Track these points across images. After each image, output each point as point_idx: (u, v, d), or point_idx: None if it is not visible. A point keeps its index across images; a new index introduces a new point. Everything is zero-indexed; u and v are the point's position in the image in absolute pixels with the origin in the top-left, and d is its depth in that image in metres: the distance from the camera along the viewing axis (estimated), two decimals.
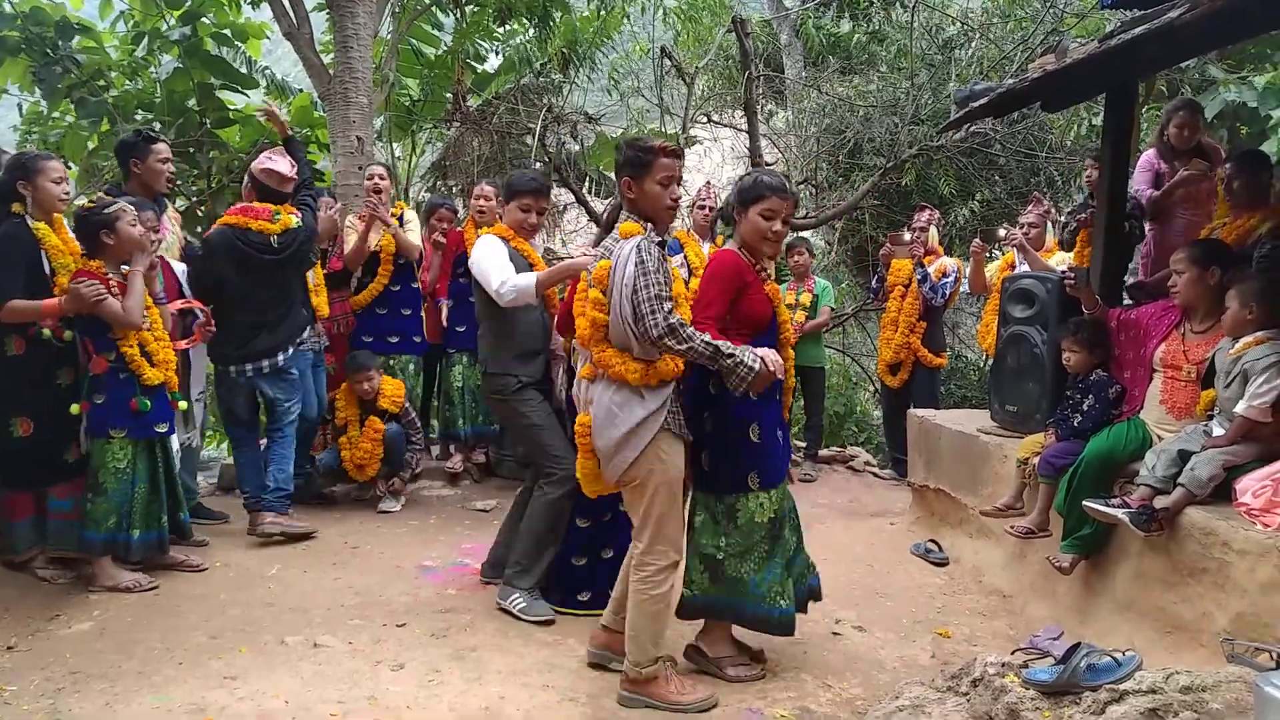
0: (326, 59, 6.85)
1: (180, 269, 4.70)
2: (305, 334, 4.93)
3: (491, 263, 3.86)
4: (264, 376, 4.69)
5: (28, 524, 4.07)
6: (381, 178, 5.68)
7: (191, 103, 7.76)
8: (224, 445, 6.79)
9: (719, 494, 3.25)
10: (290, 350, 4.75)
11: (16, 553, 4.06)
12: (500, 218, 4.56)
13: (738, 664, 3.36)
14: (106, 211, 3.93)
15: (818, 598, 3.52)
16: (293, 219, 4.68)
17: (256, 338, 4.65)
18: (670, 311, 2.88)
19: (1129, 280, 5.04)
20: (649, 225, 3.05)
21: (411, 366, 5.89)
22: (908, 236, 6.49)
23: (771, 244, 3.28)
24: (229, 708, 3.01)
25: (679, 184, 3.16)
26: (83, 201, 4.13)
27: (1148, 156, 4.91)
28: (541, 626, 3.72)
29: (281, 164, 4.68)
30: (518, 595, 3.84)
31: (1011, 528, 4.02)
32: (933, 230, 6.44)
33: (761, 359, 2.96)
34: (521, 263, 3.95)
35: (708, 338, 2.92)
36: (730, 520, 3.22)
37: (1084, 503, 3.53)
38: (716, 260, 3.31)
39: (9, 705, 2.99)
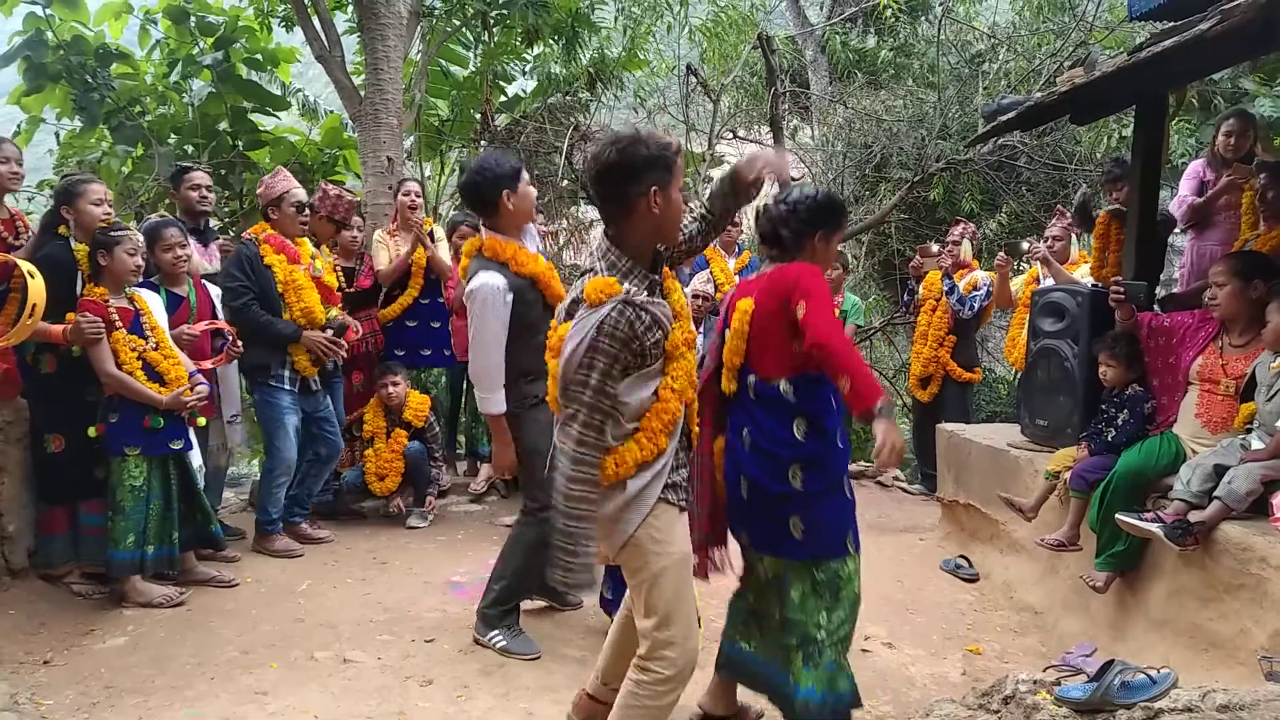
0: (357, 80, 6.95)
1: (215, 291, 4.79)
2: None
3: (490, 356, 3.37)
4: None
5: (64, 539, 4.15)
6: (418, 194, 5.77)
7: (223, 126, 7.91)
8: (255, 463, 6.87)
9: (813, 559, 2.74)
10: None
11: (53, 567, 4.14)
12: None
13: None
14: (111, 234, 4.02)
15: None
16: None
17: None
18: (591, 448, 2.25)
19: (1161, 293, 4.99)
20: (631, 270, 2.34)
21: (444, 379, 5.94)
22: (935, 248, 6.46)
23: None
24: None
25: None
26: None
27: (1195, 166, 4.87)
28: (566, 644, 3.71)
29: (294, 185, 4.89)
30: (496, 633, 3.64)
31: (1042, 540, 3.98)
32: (966, 244, 6.41)
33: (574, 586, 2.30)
34: (531, 293, 3.45)
35: (589, 512, 2.25)
36: (833, 593, 2.74)
37: (1118, 516, 3.48)
38: (817, 276, 2.72)
39: (45, 719, 3.03)
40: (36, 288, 3.64)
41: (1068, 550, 3.90)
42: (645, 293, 2.33)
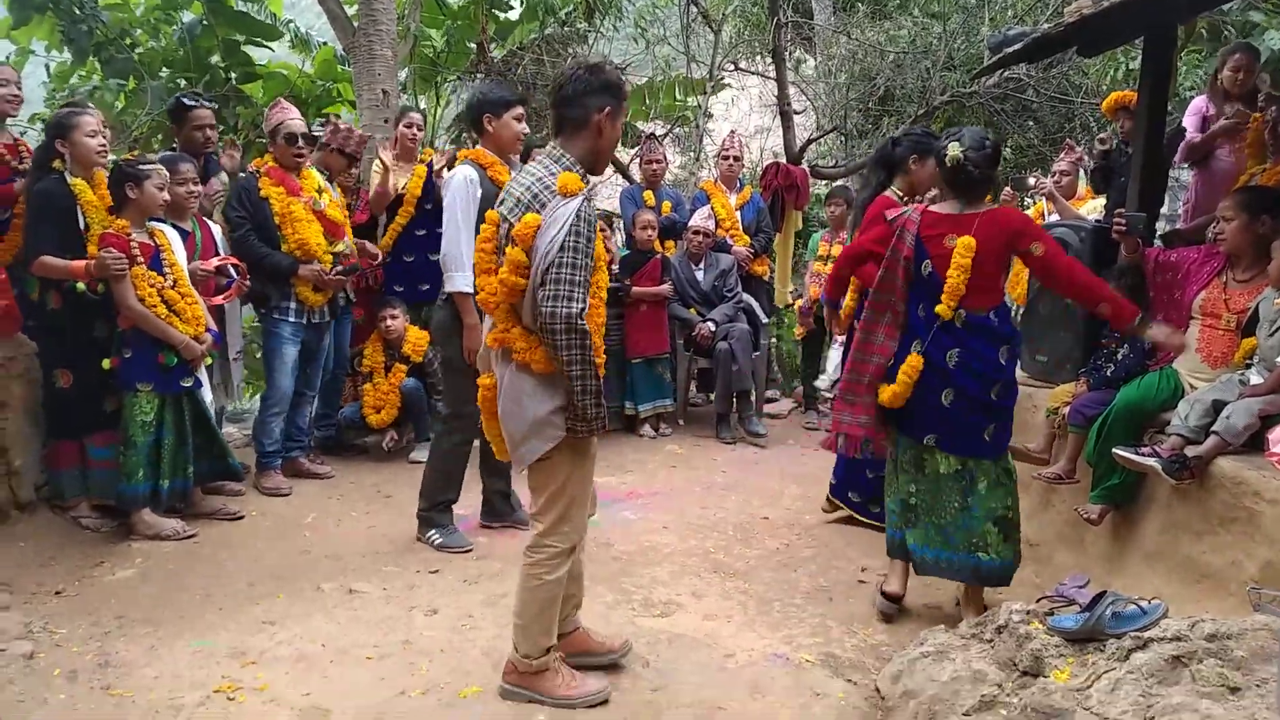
0: (350, 11, 6.80)
1: (217, 230, 4.75)
2: None
3: (459, 238, 3.82)
4: None
5: (74, 473, 4.20)
6: (420, 126, 5.69)
7: (216, 59, 7.76)
8: (256, 398, 6.89)
9: (997, 458, 3.36)
10: None
11: (64, 499, 4.20)
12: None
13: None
14: (140, 168, 3.99)
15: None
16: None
17: None
18: (583, 311, 2.52)
19: (1163, 227, 4.95)
20: (590, 179, 2.70)
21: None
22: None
23: None
24: (268, 651, 3.11)
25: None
26: (112, 159, 4.19)
27: (1197, 102, 4.80)
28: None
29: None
30: (433, 532, 4.10)
31: (1039, 475, 4.02)
32: None
33: (597, 422, 2.65)
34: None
35: (595, 370, 2.60)
36: (1010, 479, 3.39)
37: (1115, 450, 3.51)
38: (1032, 220, 3.50)
39: (60, 647, 3.11)
40: None
41: (1065, 484, 3.94)
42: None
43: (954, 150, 3.26)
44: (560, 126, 2.70)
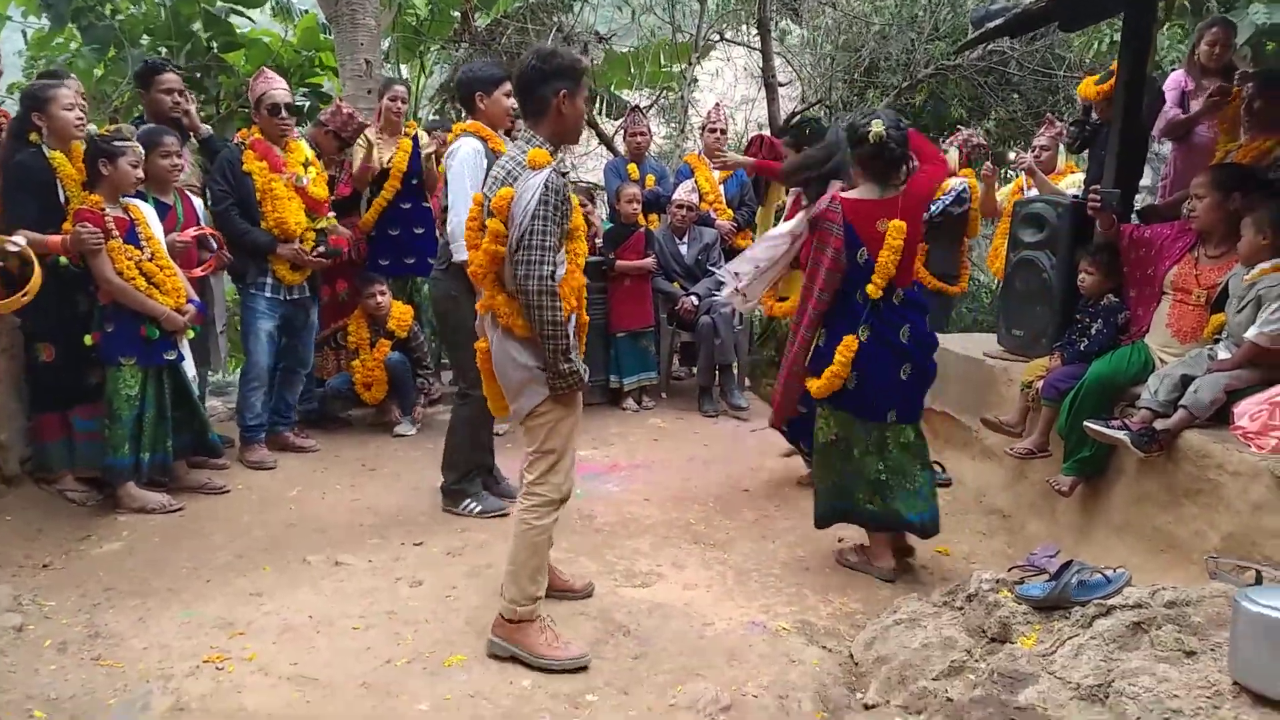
0: None
1: (198, 202, 4.74)
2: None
3: (465, 209, 3.67)
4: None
5: (59, 445, 4.22)
6: (404, 100, 5.66)
7: (197, 27, 7.67)
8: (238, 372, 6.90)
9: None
10: None
11: (51, 472, 4.22)
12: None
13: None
14: (114, 144, 3.97)
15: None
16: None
17: None
18: (553, 274, 2.73)
19: (1144, 199, 5.01)
20: (558, 152, 2.89)
21: (428, 288, 5.89)
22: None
23: None
24: (255, 621, 3.17)
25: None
26: (93, 129, 4.17)
27: (1175, 76, 4.83)
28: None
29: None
30: (469, 501, 4.20)
31: (1011, 449, 4.10)
32: (952, 152, 6.33)
33: (572, 378, 2.84)
34: None
35: (570, 330, 2.84)
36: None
37: (1085, 424, 3.59)
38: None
39: (49, 620, 3.15)
40: (36, 280, 3.77)
41: (1037, 458, 4.02)
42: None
43: (877, 127, 3.35)
44: (526, 113, 2.92)
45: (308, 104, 7.74)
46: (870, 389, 3.51)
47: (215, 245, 4.60)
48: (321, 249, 4.83)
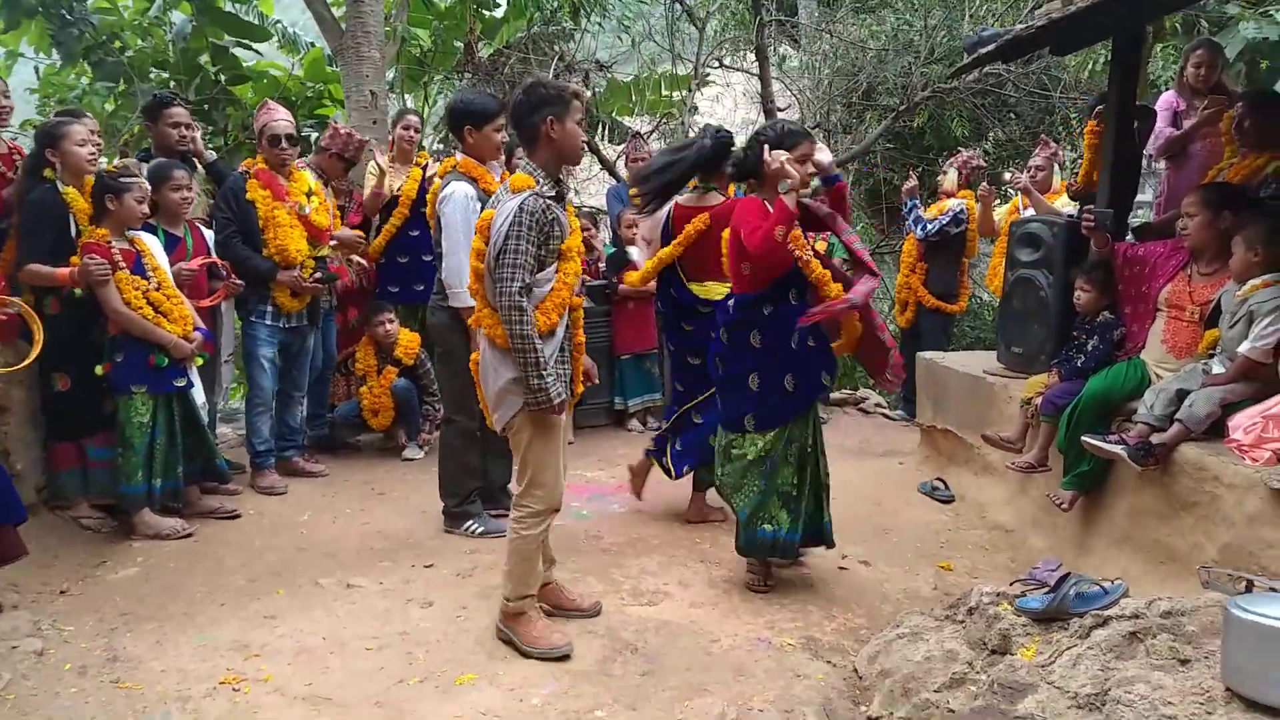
0: (338, 13, 6.88)
1: (208, 234, 4.83)
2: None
3: (464, 255, 3.64)
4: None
5: (74, 474, 4.28)
6: (417, 129, 5.78)
7: (205, 60, 7.82)
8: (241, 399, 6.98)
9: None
10: None
11: (66, 499, 4.29)
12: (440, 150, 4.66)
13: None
14: (121, 180, 4.08)
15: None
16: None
17: None
18: (522, 290, 2.90)
19: (1142, 215, 5.08)
20: (543, 176, 3.02)
21: (428, 314, 5.98)
22: (912, 180, 6.52)
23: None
24: (270, 644, 3.22)
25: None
26: (102, 164, 4.27)
27: (1167, 97, 4.91)
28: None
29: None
30: (471, 522, 4.27)
31: (1013, 464, 4.16)
32: (952, 173, 6.43)
33: (557, 401, 2.99)
34: None
35: (539, 345, 2.93)
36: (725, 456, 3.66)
37: (1083, 438, 3.65)
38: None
39: (68, 644, 3.21)
40: (37, 342, 3.89)
41: (1037, 472, 4.08)
42: (551, 196, 3.03)
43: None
44: (522, 143, 3.13)
45: (315, 135, 7.87)
46: (781, 397, 3.61)
47: (224, 274, 4.70)
48: (319, 275, 4.91)
